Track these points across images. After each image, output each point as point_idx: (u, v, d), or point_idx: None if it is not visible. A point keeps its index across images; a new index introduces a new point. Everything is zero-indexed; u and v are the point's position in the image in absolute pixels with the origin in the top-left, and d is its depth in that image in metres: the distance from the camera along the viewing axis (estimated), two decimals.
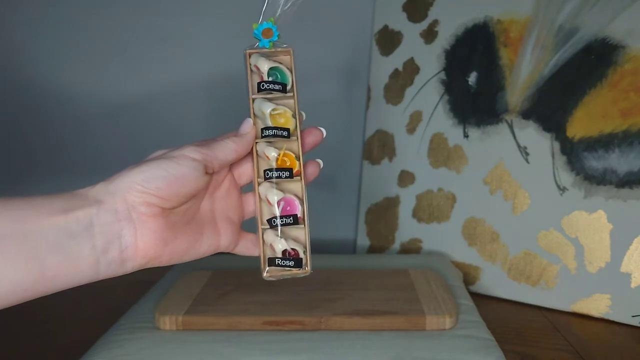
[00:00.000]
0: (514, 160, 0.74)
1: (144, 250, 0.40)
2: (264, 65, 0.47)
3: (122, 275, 0.40)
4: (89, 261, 0.38)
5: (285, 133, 0.46)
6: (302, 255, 0.46)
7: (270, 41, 0.47)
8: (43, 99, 0.92)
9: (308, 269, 0.47)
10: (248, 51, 0.47)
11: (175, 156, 0.41)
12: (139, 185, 0.39)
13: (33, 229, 0.36)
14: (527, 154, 0.73)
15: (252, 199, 0.49)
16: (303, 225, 0.47)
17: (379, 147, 0.87)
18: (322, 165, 0.49)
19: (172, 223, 0.42)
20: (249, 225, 0.49)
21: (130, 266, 0.41)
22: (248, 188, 0.49)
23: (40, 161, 0.95)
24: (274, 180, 0.46)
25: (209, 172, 0.43)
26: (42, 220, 0.36)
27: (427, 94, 0.82)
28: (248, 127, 0.46)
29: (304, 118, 0.50)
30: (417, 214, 0.83)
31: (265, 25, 0.46)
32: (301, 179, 0.47)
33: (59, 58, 0.91)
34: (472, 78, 0.78)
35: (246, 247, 0.48)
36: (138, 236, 0.40)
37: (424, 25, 0.83)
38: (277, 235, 0.46)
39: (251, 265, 0.75)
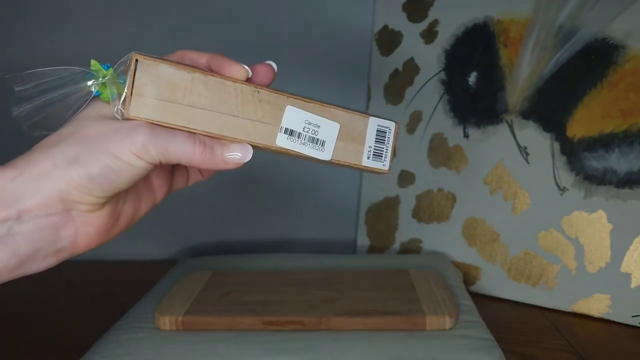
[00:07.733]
0: (514, 160, 0.74)
1: (85, 244, 0.37)
2: None
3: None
4: (9, 267, 0.33)
5: None
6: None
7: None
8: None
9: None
10: None
11: (121, 152, 0.34)
12: (81, 185, 0.34)
13: None
14: (527, 154, 0.73)
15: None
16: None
17: None
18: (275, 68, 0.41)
19: (114, 206, 0.38)
20: None
21: (66, 257, 0.37)
22: None
23: None
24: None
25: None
26: None
27: (427, 94, 0.82)
28: (236, 159, 0.38)
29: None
30: (417, 214, 0.83)
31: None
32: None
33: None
34: (472, 78, 0.78)
35: (198, 177, 0.45)
36: (79, 235, 0.36)
37: (424, 25, 0.83)
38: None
39: (251, 266, 0.76)
